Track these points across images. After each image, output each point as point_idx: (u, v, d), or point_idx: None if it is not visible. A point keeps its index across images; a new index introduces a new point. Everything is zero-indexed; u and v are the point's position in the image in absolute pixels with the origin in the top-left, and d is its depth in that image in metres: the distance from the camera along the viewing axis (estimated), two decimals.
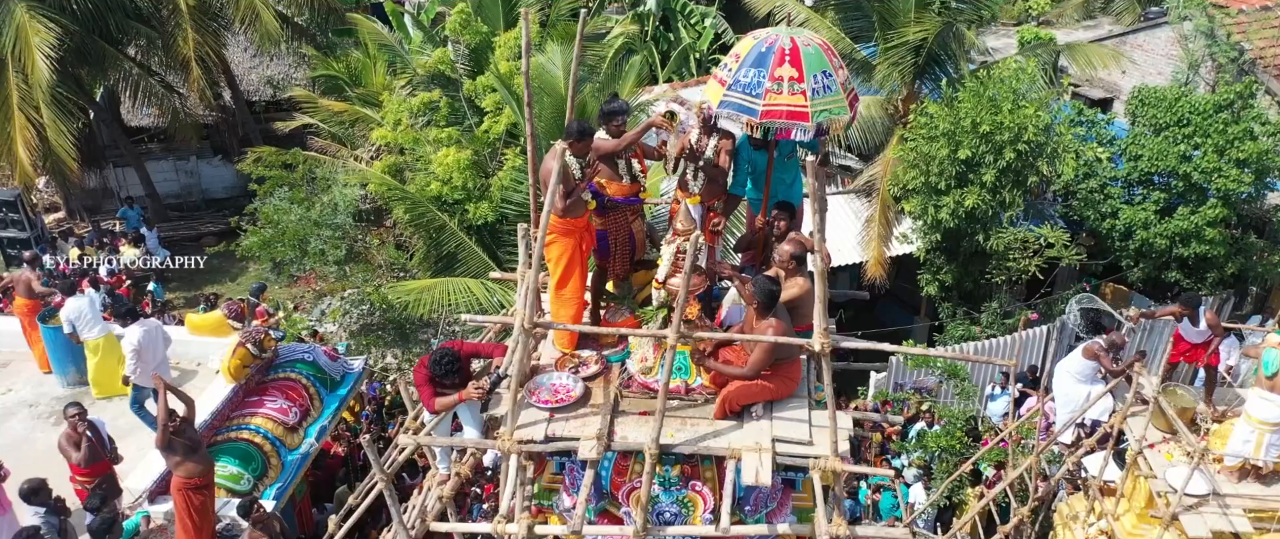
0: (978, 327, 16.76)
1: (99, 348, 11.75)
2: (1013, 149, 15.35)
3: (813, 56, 6.52)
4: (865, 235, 17.04)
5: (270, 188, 15.00)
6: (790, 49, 6.49)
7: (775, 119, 6.53)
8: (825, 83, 6.55)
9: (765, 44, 6.57)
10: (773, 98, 6.49)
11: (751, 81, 6.53)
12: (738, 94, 6.60)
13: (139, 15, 20.09)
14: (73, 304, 11.65)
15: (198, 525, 9.47)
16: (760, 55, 6.54)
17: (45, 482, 8.83)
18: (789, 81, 6.47)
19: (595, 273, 7.47)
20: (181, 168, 22.32)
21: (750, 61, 6.56)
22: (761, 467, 6.42)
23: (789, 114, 6.51)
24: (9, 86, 18.56)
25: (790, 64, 6.47)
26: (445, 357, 6.75)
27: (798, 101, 6.48)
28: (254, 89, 23.76)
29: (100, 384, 11.82)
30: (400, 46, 17.51)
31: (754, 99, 6.53)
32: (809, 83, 6.48)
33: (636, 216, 7.38)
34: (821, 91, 6.53)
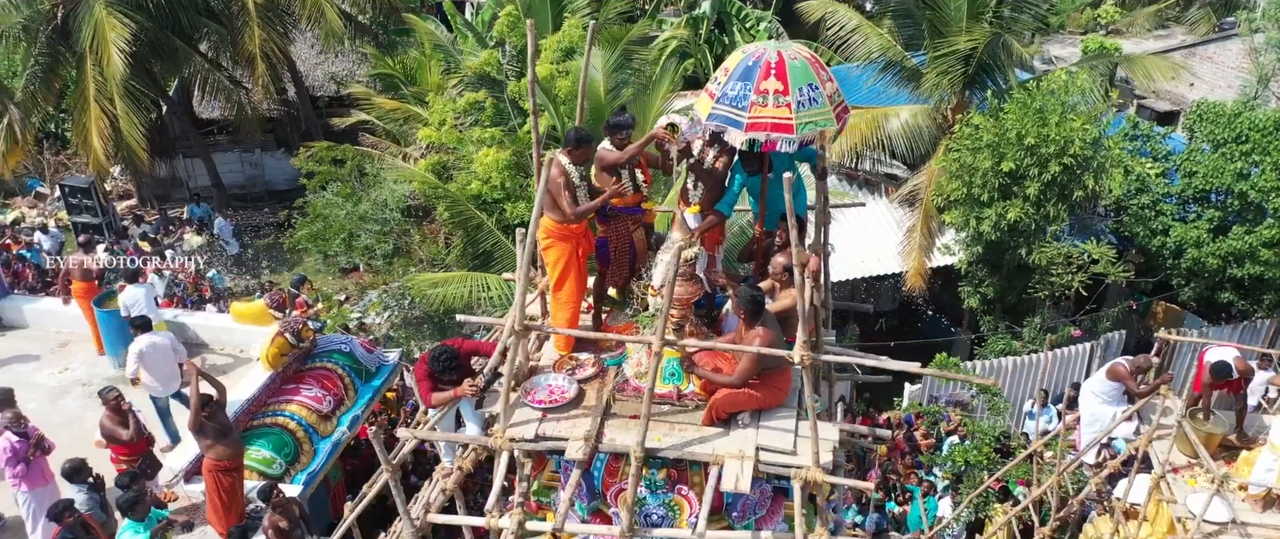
0: (1019, 341, 16.55)
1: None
2: (1058, 162, 15.11)
3: (798, 70, 6.62)
4: (906, 245, 16.93)
5: (319, 182, 15.53)
6: (776, 63, 6.60)
7: (760, 131, 6.65)
8: (811, 95, 6.64)
9: (752, 58, 6.70)
10: (758, 110, 6.61)
11: (738, 94, 6.65)
12: (725, 107, 6.73)
13: (210, 12, 20.91)
14: (131, 291, 12.27)
15: (226, 505, 9.90)
16: (747, 69, 6.67)
17: (85, 461, 9.35)
18: (774, 94, 6.57)
19: (597, 279, 7.67)
20: (246, 160, 23.16)
21: (737, 75, 6.69)
22: (742, 474, 6.55)
23: (773, 126, 6.61)
24: (87, 78, 19.51)
25: (775, 77, 6.57)
26: (443, 354, 7.01)
27: (782, 114, 6.58)
28: (319, 85, 24.55)
29: None
30: (453, 47, 17.93)
31: (740, 112, 6.65)
32: (794, 95, 6.57)
33: (638, 226, 7.55)
34: (807, 104, 6.62)
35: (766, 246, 7.68)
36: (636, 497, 7.00)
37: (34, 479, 9.29)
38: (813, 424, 6.55)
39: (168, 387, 11.16)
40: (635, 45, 16.83)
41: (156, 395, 11.15)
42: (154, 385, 11.07)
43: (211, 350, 12.97)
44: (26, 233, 20.55)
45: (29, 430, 9.28)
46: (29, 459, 9.15)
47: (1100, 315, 16.88)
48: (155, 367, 10.96)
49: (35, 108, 20.24)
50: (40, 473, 9.36)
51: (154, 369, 10.96)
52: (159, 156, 22.30)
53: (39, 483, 9.30)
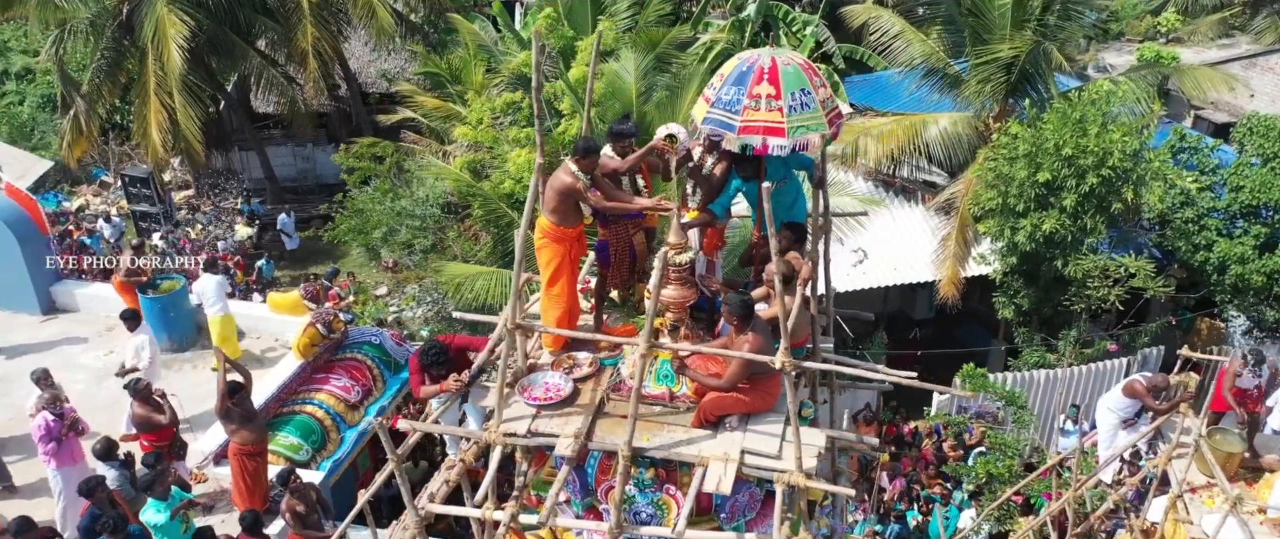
0: (1053, 354, 16.35)
1: (217, 325, 12.84)
2: (1096, 174, 14.90)
3: (791, 75, 6.73)
4: (941, 253, 16.81)
5: (359, 178, 15.95)
6: (769, 68, 6.72)
7: (752, 135, 6.77)
8: (803, 100, 6.74)
9: (746, 63, 6.83)
10: (750, 114, 6.73)
11: (731, 99, 6.78)
12: (719, 111, 6.86)
13: (266, 10, 21.55)
14: (204, 280, 12.78)
15: (250, 488, 10.31)
16: (741, 74, 6.80)
17: (115, 442, 9.81)
18: (766, 99, 6.69)
19: (598, 280, 7.85)
20: (299, 154, 23.83)
21: (732, 80, 6.83)
22: (724, 476, 6.66)
23: (766, 130, 6.73)
24: (147, 73, 20.26)
25: (768, 82, 6.69)
26: (432, 348, 7.26)
27: (774, 118, 6.70)
28: (371, 81, 25.13)
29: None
30: (495, 47, 18.25)
31: (733, 116, 6.78)
32: (786, 100, 6.68)
33: (638, 229, 7.70)
34: (799, 109, 6.73)
35: (764, 253, 7.77)
36: (625, 495, 7.18)
37: (63, 458, 9.73)
38: (795, 430, 6.64)
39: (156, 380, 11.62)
40: (673, 48, 16.96)
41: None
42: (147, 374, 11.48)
43: (248, 338, 13.42)
44: (89, 220, 21.41)
45: (65, 411, 9.71)
46: (61, 439, 9.59)
47: (1139, 330, 16.58)
48: (152, 361, 11.46)
49: (100, 100, 21.04)
50: (70, 454, 9.80)
51: (150, 364, 11.45)
52: (215, 149, 23.06)
53: (67, 462, 9.74)
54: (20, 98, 24.51)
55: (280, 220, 21.82)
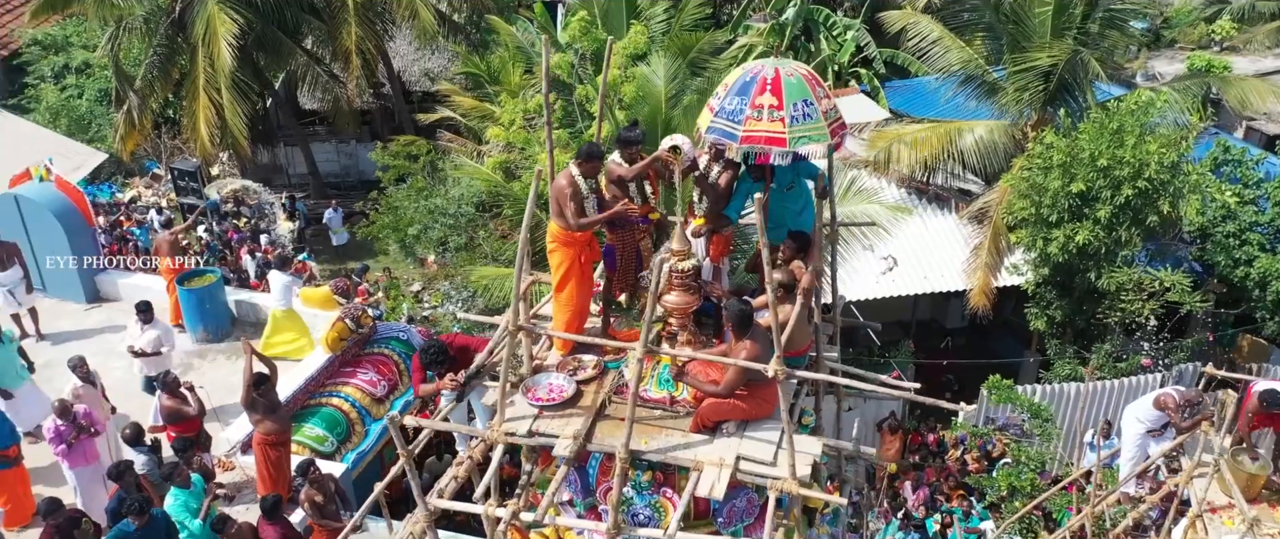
0: (1086, 368, 16.14)
1: (277, 318, 13.22)
2: (1132, 186, 14.70)
3: (794, 86, 6.81)
4: (972, 263, 16.68)
5: (393, 176, 16.25)
6: (772, 78, 6.81)
7: (754, 144, 6.86)
8: (805, 111, 6.81)
9: (750, 74, 6.93)
10: (752, 124, 6.83)
11: (734, 109, 6.88)
12: (722, 121, 6.96)
13: (313, 9, 22.02)
14: (276, 276, 13.18)
15: (273, 477, 10.58)
16: (744, 84, 6.90)
17: (143, 428, 10.15)
18: (768, 109, 6.78)
19: (604, 284, 7.98)
20: (342, 150, 24.30)
21: (735, 90, 6.93)
22: (718, 481, 6.76)
23: (767, 140, 6.82)
24: (197, 69, 20.82)
25: (770, 93, 6.78)
26: (432, 347, 7.46)
27: (776, 128, 6.78)
28: (415, 80, 25.54)
29: (269, 346, 13.10)
30: (531, 48, 18.46)
31: (735, 125, 6.88)
32: (788, 110, 6.77)
33: (645, 235, 7.81)
34: (801, 119, 6.81)
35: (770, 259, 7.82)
36: (624, 497, 7.31)
37: (75, 459, 9.98)
38: (789, 437, 6.71)
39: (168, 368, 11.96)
40: (707, 53, 17.02)
41: (150, 374, 11.92)
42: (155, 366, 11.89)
43: None
44: (140, 211, 22.04)
45: (76, 414, 9.90)
46: (71, 442, 9.84)
47: (1175, 346, 16.30)
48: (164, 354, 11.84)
49: (152, 95, 21.66)
50: (82, 454, 10.02)
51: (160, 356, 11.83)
52: (262, 144, 23.60)
53: (80, 462, 9.98)
54: (79, 91, 25.26)
55: (327, 215, 22.26)
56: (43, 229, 13.80)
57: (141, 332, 11.84)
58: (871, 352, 16.55)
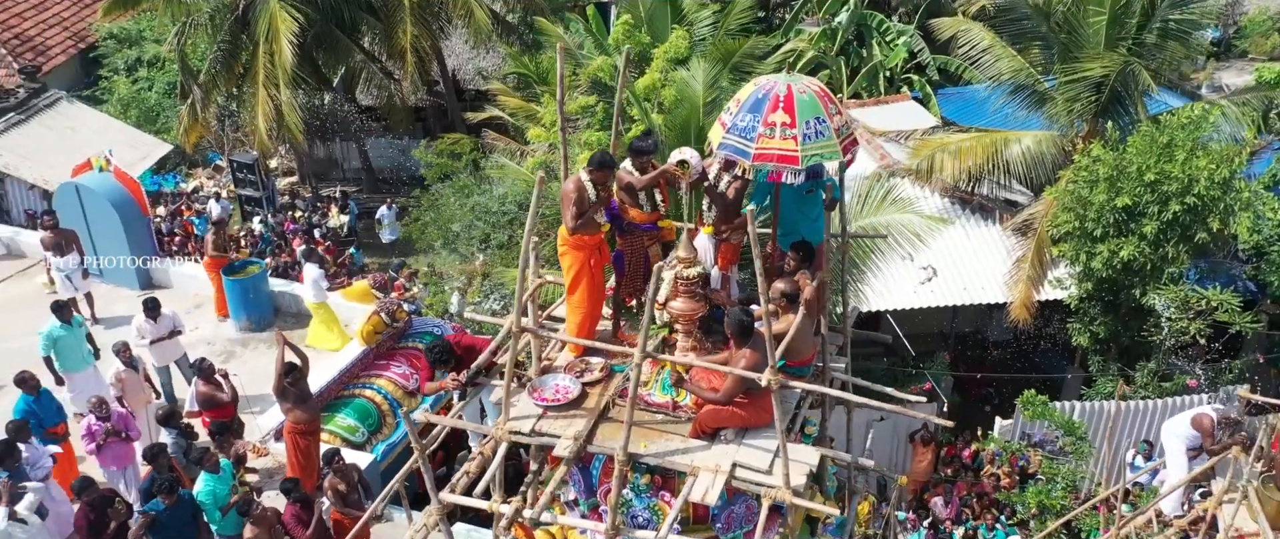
0: (1129, 386, 15.79)
1: (316, 311, 13.67)
2: (1180, 202, 14.35)
3: (806, 103, 6.85)
4: (1014, 275, 16.42)
5: (436, 174, 16.56)
6: (785, 96, 6.85)
7: (766, 162, 6.92)
8: (817, 128, 6.85)
9: (763, 90, 6.98)
10: (764, 142, 6.88)
11: (747, 126, 6.94)
12: (735, 137, 7.03)
13: (370, 8, 22.50)
14: (309, 269, 13.62)
15: (303, 465, 10.94)
16: (757, 101, 6.95)
17: (176, 408, 10.56)
18: (781, 127, 6.83)
19: (614, 289, 8.10)
20: (396, 146, 24.79)
21: (748, 107, 6.99)
22: (712, 487, 6.84)
23: (779, 158, 6.87)
24: (258, 65, 21.41)
25: (783, 110, 6.83)
26: (436, 346, 7.67)
27: (788, 146, 6.83)
28: (469, 78, 25.95)
29: (315, 338, 13.66)
30: (578, 51, 18.63)
31: (748, 142, 6.94)
32: (800, 128, 6.81)
33: (654, 241, 7.91)
34: (813, 136, 6.84)
35: (778, 267, 7.88)
36: (623, 499, 7.44)
37: (106, 460, 10.32)
38: (783, 446, 6.76)
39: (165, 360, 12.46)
40: (751, 58, 17.02)
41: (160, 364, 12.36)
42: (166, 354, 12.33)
43: None
44: (201, 201, 22.78)
45: (112, 416, 10.24)
46: (102, 443, 10.18)
47: (1224, 366, 15.86)
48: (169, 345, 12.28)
49: (215, 89, 22.34)
50: (113, 456, 10.37)
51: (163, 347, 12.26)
52: (318, 139, 24.20)
53: (110, 465, 10.33)
54: (149, 84, 26.17)
55: (380, 212, 22.74)
56: (101, 217, 14.40)
57: (152, 327, 12.16)
58: (905, 362, 16.40)
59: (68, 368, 11.68)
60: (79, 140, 20.93)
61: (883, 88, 23.52)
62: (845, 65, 23.63)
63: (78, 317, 12.05)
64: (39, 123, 21.96)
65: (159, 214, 21.65)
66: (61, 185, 14.85)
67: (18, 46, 25.78)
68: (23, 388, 10.64)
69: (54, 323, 11.49)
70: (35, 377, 10.77)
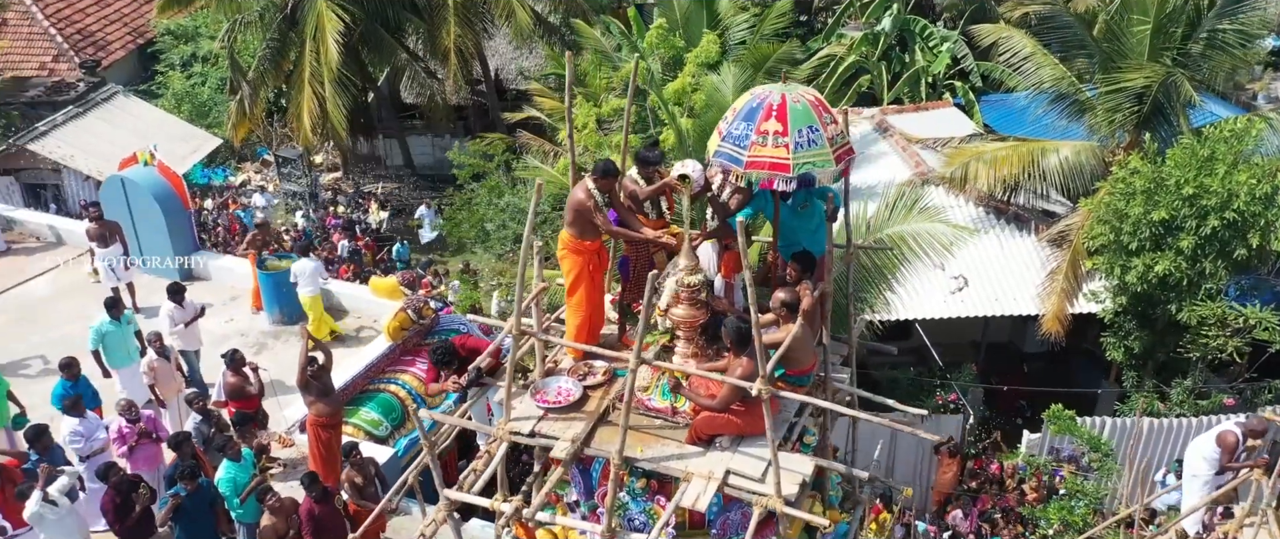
0: (1164, 403, 15.51)
1: (310, 304, 13.92)
2: (1219, 216, 14.05)
3: (799, 112, 6.89)
4: (1047, 287, 16.19)
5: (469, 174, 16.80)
6: (778, 104, 6.91)
7: (758, 170, 6.98)
8: (810, 137, 6.89)
9: (757, 99, 7.05)
10: (757, 150, 6.94)
11: (741, 134, 7.01)
12: (729, 145, 7.10)
13: (414, 8, 22.88)
14: (302, 263, 13.89)
15: (324, 458, 11.17)
16: (751, 110, 7.02)
17: (205, 396, 10.88)
18: (773, 135, 6.88)
19: (620, 294, 8.20)
20: (437, 144, 25.17)
21: (742, 116, 7.06)
22: (703, 493, 6.90)
23: (771, 165, 6.93)
24: (304, 63, 21.91)
25: (776, 119, 6.88)
26: (440, 348, 7.83)
27: (780, 154, 6.88)
28: (511, 78, 26.25)
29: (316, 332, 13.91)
30: (614, 53, 18.77)
31: (741, 150, 7.01)
32: (793, 136, 6.86)
33: (659, 248, 7.99)
34: (805, 145, 6.88)
35: (780, 277, 7.92)
36: (620, 502, 7.54)
37: (137, 463, 10.52)
38: (774, 455, 6.80)
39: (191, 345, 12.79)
40: (784, 63, 17.01)
41: (186, 349, 12.67)
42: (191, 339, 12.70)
43: (349, 316, 14.50)
44: (247, 195, 23.35)
45: (142, 417, 10.46)
46: (133, 446, 10.42)
47: (1264, 385, 15.49)
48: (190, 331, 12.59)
49: (263, 85, 22.88)
50: (144, 458, 10.59)
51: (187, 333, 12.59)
52: (362, 135, 24.66)
53: (142, 467, 10.53)
54: (203, 79, 26.89)
55: (420, 212, 23.11)
56: (144, 210, 14.85)
57: (181, 311, 12.52)
58: (932, 372, 16.27)
59: (115, 363, 12.04)
60: (132, 134, 21.58)
61: (925, 94, 23.32)
62: (886, 71, 23.47)
63: (128, 313, 12.35)
64: (95, 116, 22.69)
65: (207, 207, 22.26)
66: (108, 178, 15.36)
67: (80, 41, 26.61)
68: (64, 373, 11.05)
69: (104, 318, 11.84)
70: (77, 362, 11.17)
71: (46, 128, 21.64)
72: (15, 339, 13.57)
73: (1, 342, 13.32)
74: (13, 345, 13.41)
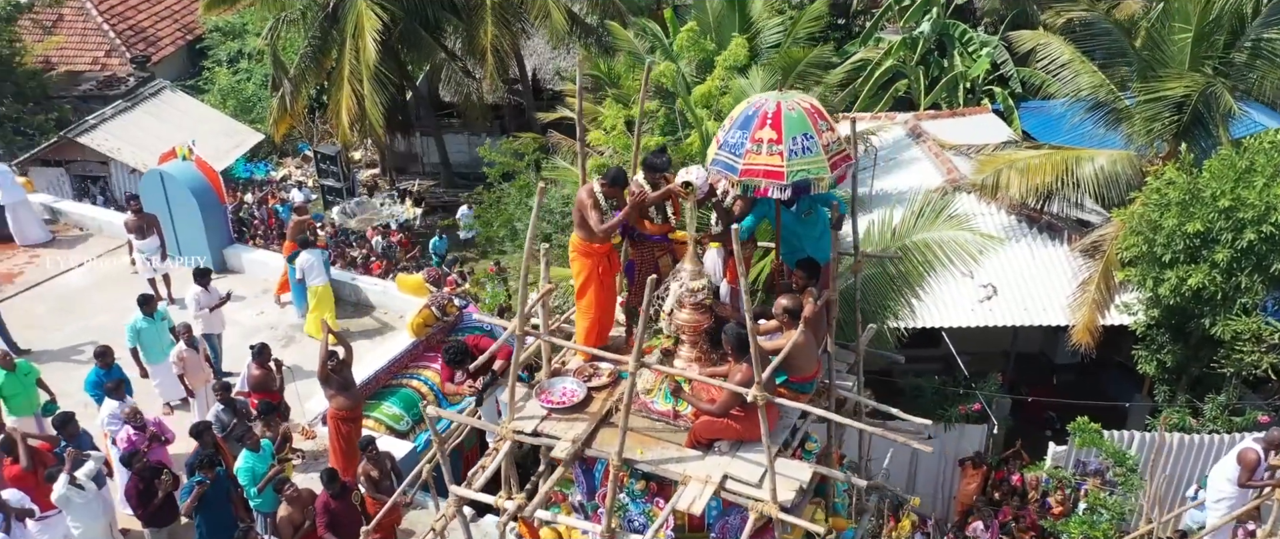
0: (1196, 419, 15.21)
1: (317, 295, 14.09)
2: (1255, 230, 13.75)
3: (794, 120, 6.92)
4: (1078, 298, 15.95)
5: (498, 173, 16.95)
6: (773, 113, 6.95)
7: (753, 178, 7.02)
8: (805, 144, 6.92)
9: (753, 108, 7.09)
10: (752, 157, 6.98)
11: (736, 142, 7.05)
12: (725, 153, 7.15)
13: (453, 7, 23.12)
14: (306, 255, 14.10)
15: (344, 451, 11.39)
16: (746, 118, 7.06)
17: (230, 386, 11.15)
18: (768, 143, 6.92)
19: (626, 297, 8.27)
20: (473, 142, 25.36)
21: (738, 124, 7.10)
22: (700, 497, 6.96)
23: (765, 173, 6.97)
24: (344, 61, 22.24)
25: (770, 127, 6.93)
26: (452, 347, 7.94)
27: (774, 161, 6.92)
28: (549, 79, 26.43)
29: (310, 326, 14.11)
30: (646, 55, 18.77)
31: (736, 158, 7.06)
32: (787, 144, 6.89)
33: (665, 253, 8.05)
34: (800, 153, 6.91)
35: (781, 283, 7.93)
36: (620, 503, 7.62)
37: None
38: (770, 461, 6.82)
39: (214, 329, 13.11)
40: (816, 67, 16.94)
41: (209, 332, 12.99)
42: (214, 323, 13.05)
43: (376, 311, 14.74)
44: (286, 189, 23.78)
45: (147, 424, 10.55)
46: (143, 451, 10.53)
47: None
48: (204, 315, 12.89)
49: (305, 82, 23.27)
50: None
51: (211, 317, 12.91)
52: (400, 133, 24.99)
53: None
54: (248, 75, 27.44)
55: (460, 212, 23.35)
56: (181, 204, 15.21)
57: (206, 296, 12.87)
58: (956, 381, 16.09)
59: (151, 359, 12.35)
60: (177, 128, 22.09)
61: (963, 99, 23.07)
62: (924, 75, 23.26)
63: (161, 309, 12.64)
64: (143, 110, 23.26)
65: (247, 201, 22.71)
66: (148, 172, 15.75)
67: (132, 37, 27.30)
68: (98, 361, 11.39)
69: (138, 315, 12.14)
70: (112, 351, 11.51)
71: (96, 121, 22.25)
72: (53, 328, 13.98)
73: (40, 330, 13.73)
74: (51, 334, 13.83)
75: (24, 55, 24.40)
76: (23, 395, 11.11)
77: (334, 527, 9.74)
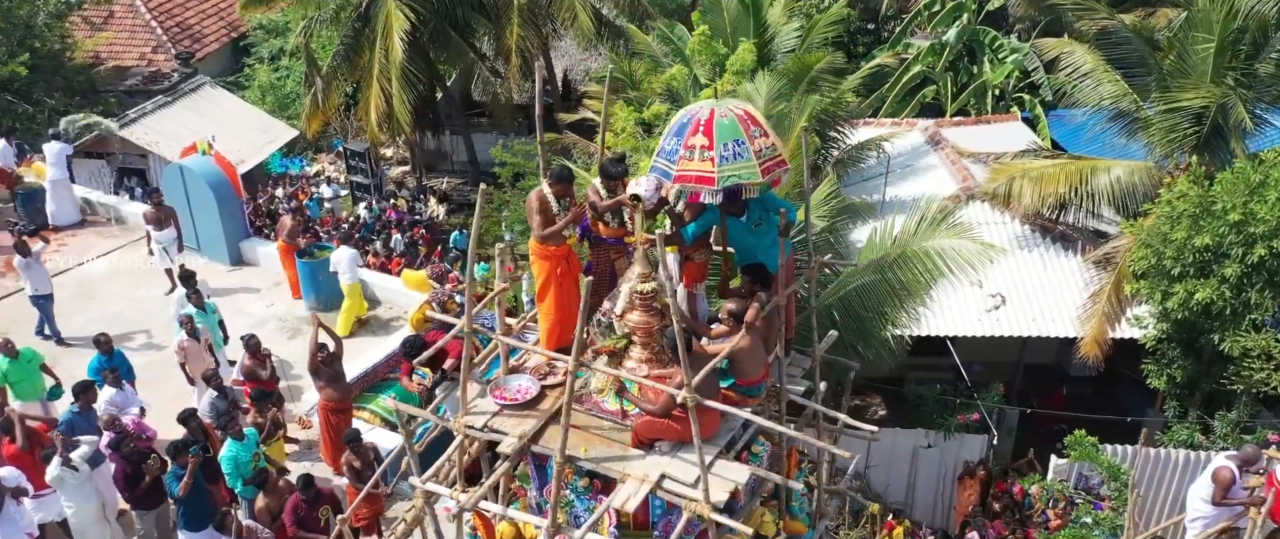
0: (1206, 436, 14.91)
1: (349, 293, 14.51)
2: (1266, 245, 13.45)
3: (726, 126, 7.02)
4: (1088, 310, 15.71)
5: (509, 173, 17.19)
6: (706, 119, 7.06)
7: (686, 183, 7.13)
8: (736, 150, 7.01)
9: (687, 115, 7.23)
10: (685, 164, 7.10)
11: (671, 149, 7.18)
12: (662, 160, 7.28)
13: (481, 8, 23.48)
14: (337, 253, 14.49)
15: (335, 441, 11.71)
16: (681, 125, 7.19)
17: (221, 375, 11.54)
18: (700, 149, 7.03)
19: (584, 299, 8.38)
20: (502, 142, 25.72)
21: (673, 131, 7.24)
22: (634, 495, 7.07)
23: (697, 179, 7.09)
24: (374, 60, 22.70)
25: (702, 134, 7.04)
26: (411, 341, 8.13)
27: (705, 167, 7.03)
28: (579, 79, 26.68)
29: (343, 323, 14.50)
30: (664, 58, 18.90)
31: (671, 164, 7.18)
32: (718, 150, 6.99)
33: (621, 256, 8.16)
34: (731, 158, 7.01)
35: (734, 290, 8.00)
36: (567, 499, 7.76)
37: None
38: (701, 461, 6.92)
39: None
40: (828, 74, 16.90)
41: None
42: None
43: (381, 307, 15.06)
44: (315, 185, 24.34)
45: (126, 427, 10.52)
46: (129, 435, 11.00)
47: None
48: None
49: (337, 80, 23.80)
50: None
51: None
52: (429, 132, 25.40)
53: None
54: (287, 73, 28.12)
55: None
56: (200, 197, 15.70)
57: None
58: (957, 390, 15.95)
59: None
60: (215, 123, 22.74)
61: (991, 106, 22.82)
62: (952, 82, 23.03)
63: (211, 303, 12.97)
64: (183, 105, 23.94)
65: (278, 196, 23.29)
66: (169, 166, 16.28)
67: (178, 34, 28.14)
68: (98, 348, 11.85)
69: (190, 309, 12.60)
70: (110, 338, 11.96)
71: (137, 115, 22.96)
72: (72, 314, 14.53)
73: (60, 317, 14.26)
74: (70, 320, 14.38)
75: (74, 50, 25.28)
76: (27, 381, 11.59)
77: (300, 525, 10.01)
